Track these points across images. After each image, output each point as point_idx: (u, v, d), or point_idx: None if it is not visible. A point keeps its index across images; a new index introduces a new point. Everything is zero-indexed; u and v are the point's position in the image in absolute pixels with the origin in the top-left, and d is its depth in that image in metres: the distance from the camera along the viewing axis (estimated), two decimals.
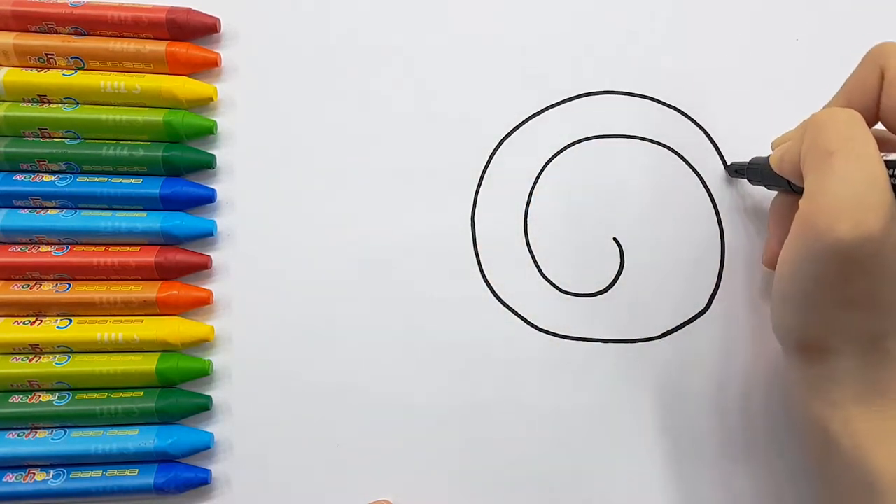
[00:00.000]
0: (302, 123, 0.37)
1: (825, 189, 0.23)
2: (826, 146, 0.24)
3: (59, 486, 0.33)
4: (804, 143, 0.26)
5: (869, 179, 0.23)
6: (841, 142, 0.24)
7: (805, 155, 0.25)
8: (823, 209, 0.23)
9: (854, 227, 0.23)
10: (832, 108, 0.25)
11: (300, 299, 0.36)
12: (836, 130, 0.24)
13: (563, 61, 0.38)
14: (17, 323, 0.34)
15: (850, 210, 0.23)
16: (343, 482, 0.35)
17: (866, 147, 0.23)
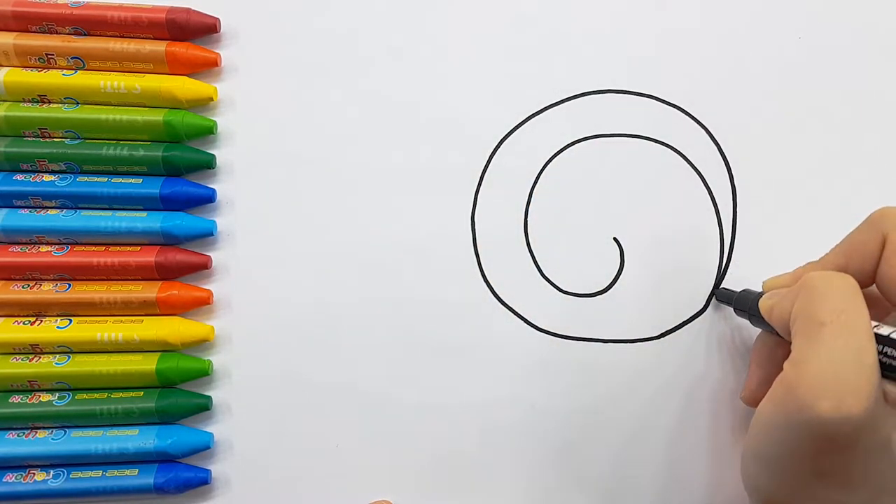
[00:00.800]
0: (302, 123, 0.37)
1: (811, 362, 0.23)
2: (818, 316, 0.24)
3: (59, 486, 0.33)
4: (796, 304, 0.25)
5: (857, 359, 0.23)
6: (833, 314, 0.23)
7: (796, 317, 0.25)
8: (807, 383, 0.23)
9: (836, 408, 0.22)
10: (828, 274, 0.25)
11: (300, 299, 0.36)
12: (831, 300, 0.24)
13: (563, 60, 0.38)
14: (17, 323, 0.34)
15: (834, 389, 0.22)
16: (343, 482, 0.35)
17: (858, 322, 0.23)
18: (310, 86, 0.37)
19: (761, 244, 0.36)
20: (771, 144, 0.37)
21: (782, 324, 0.27)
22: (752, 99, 0.37)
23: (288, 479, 0.35)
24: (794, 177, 0.37)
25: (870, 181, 0.37)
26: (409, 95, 0.37)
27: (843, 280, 0.25)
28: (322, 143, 0.37)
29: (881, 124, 0.37)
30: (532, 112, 0.37)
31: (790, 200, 0.37)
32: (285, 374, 0.35)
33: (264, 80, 0.37)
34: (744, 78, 0.38)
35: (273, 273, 0.36)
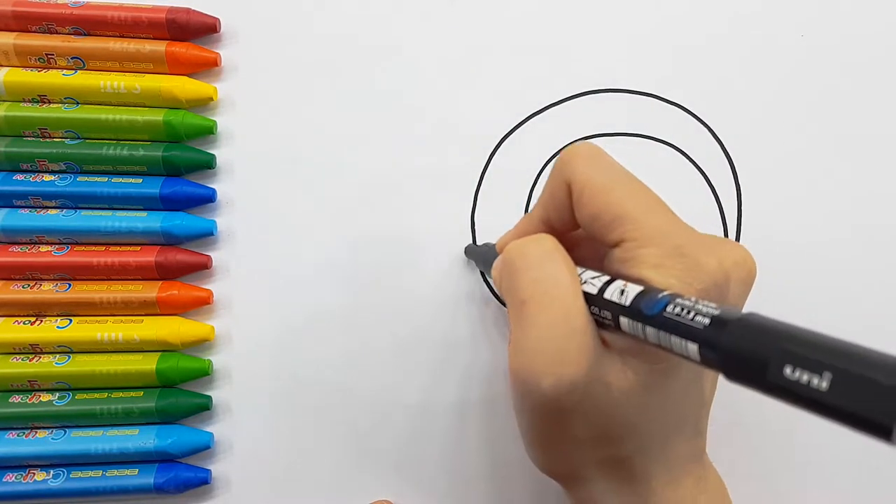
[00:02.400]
0: (302, 123, 0.37)
1: (522, 343, 0.23)
2: (518, 294, 0.23)
3: (59, 486, 0.33)
4: (503, 283, 0.25)
5: (564, 327, 0.22)
6: (532, 288, 0.23)
7: (505, 296, 0.24)
8: (524, 365, 0.23)
9: (557, 381, 0.22)
10: (521, 244, 0.24)
11: (300, 299, 0.36)
12: (527, 273, 0.23)
13: (563, 60, 0.37)
14: (17, 323, 0.34)
15: (549, 365, 0.22)
16: (343, 482, 0.35)
17: (557, 290, 0.22)
18: (310, 86, 0.37)
19: (766, 243, 0.36)
20: (775, 142, 0.37)
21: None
22: (755, 97, 0.37)
23: (288, 479, 0.35)
24: (799, 175, 0.37)
25: (874, 179, 0.37)
26: (409, 95, 0.37)
27: (536, 245, 0.24)
28: (322, 143, 0.37)
29: (885, 121, 0.37)
30: (532, 112, 0.37)
31: (795, 198, 0.37)
32: (285, 374, 0.35)
33: (264, 80, 0.37)
34: (747, 76, 0.37)
35: (273, 273, 0.36)
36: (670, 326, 0.19)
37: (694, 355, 0.18)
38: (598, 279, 0.23)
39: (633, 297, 0.21)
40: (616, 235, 0.23)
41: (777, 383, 0.15)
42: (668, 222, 0.23)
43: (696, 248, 0.23)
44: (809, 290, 0.36)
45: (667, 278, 0.22)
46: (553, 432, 0.24)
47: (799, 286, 0.36)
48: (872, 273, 0.36)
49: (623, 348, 0.23)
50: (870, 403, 0.14)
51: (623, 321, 0.21)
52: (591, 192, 0.24)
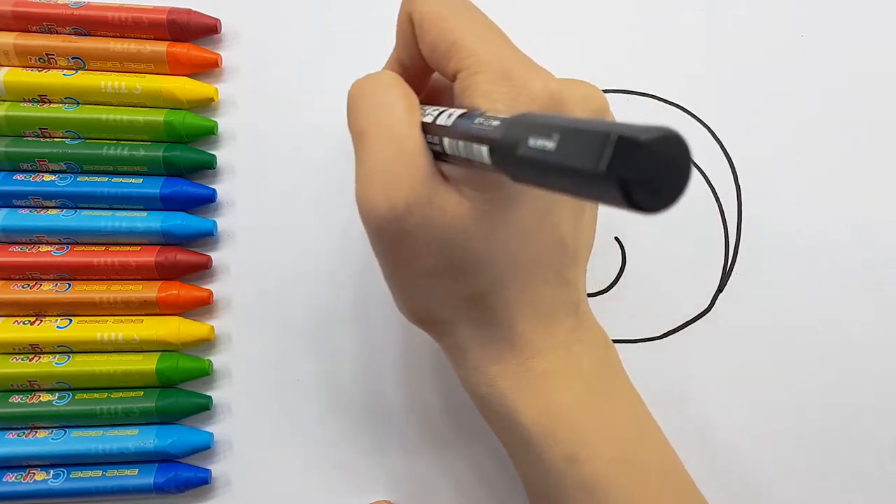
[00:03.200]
0: (302, 124, 0.37)
1: (360, 172, 0.23)
2: (356, 125, 0.24)
3: (59, 486, 0.33)
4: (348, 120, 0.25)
5: (396, 152, 0.23)
6: (367, 118, 0.24)
7: (349, 130, 0.25)
8: (362, 194, 0.23)
9: (392, 204, 0.23)
10: (361, 81, 0.25)
11: (300, 299, 0.36)
12: (365, 107, 0.24)
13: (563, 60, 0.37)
14: (17, 323, 0.34)
15: (384, 188, 0.23)
16: (343, 482, 0.35)
17: (391, 117, 0.23)
18: (310, 86, 0.37)
19: (767, 243, 0.36)
20: (775, 143, 0.37)
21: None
22: (755, 97, 0.37)
23: (288, 479, 0.35)
24: (799, 175, 0.37)
25: (875, 178, 0.37)
26: None
27: (374, 79, 0.25)
28: (322, 144, 0.37)
29: (885, 121, 0.37)
30: None
31: (795, 198, 0.37)
32: (285, 374, 0.35)
33: (265, 80, 0.37)
34: (746, 76, 0.37)
35: (273, 273, 0.36)
36: (473, 136, 0.20)
37: (486, 159, 0.19)
38: (436, 111, 0.23)
39: (455, 118, 0.21)
40: (452, 65, 0.24)
41: (524, 154, 0.16)
42: (499, 48, 0.24)
43: (524, 73, 0.23)
44: (810, 290, 0.36)
45: (494, 103, 0.22)
46: (401, 261, 0.25)
47: (799, 286, 0.36)
48: (873, 273, 0.36)
49: (459, 178, 0.23)
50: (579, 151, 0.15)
51: (446, 143, 0.22)
52: (430, 22, 0.25)
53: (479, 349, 0.26)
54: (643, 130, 0.14)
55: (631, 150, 0.14)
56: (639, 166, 0.14)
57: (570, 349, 0.26)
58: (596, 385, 0.27)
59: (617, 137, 0.14)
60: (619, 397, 0.28)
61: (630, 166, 0.14)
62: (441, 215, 0.23)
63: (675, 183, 0.14)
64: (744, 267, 0.36)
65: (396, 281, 0.26)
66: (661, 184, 0.14)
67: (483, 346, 0.26)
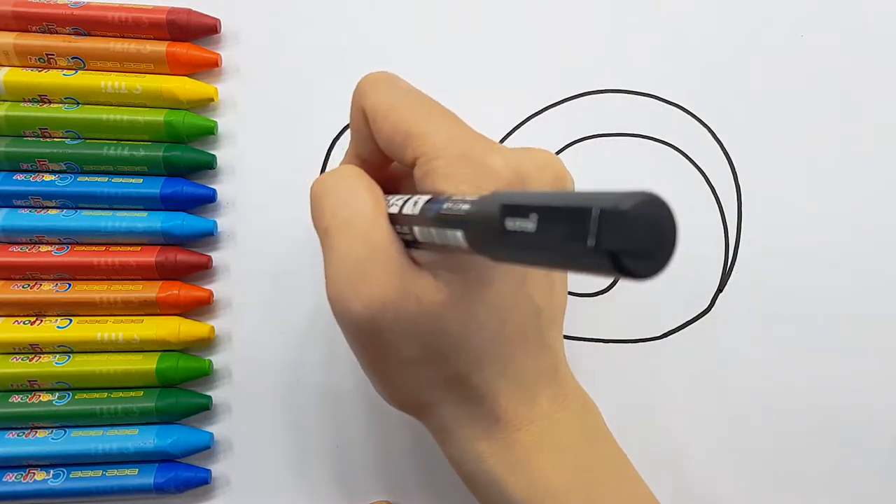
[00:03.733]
0: (302, 123, 0.37)
1: (329, 270, 0.23)
2: (322, 223, 0.24)
3: (59, 486, 0.33)
4: (312, 217, 0.25)
5: (365, 249, 0.22)
6: (332, 216, 0.23)
7: (314, 228, 0.25)
8: (334, 294, 0.23)
9: (367, 303, 0.22)
10: (322, 179, 0.25)
11: (300, 299, 0.36)
12: (329, 203, 0.24)
13: (563, 60, 0.38)
14: (17, 323, 0.34)
15: (356, 287, 0.22)
16: (343, 482, 0.35)
17: (355, 213, 0.23)
18: (310, 86, 0.37)
19: (767, 243, 0.36)
20: (775, 143, 0.37)
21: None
22: (755, 97, 0.37)
23: (288, 479, 0.35)
24: (799, 175, 0.37)
25: (875, 179, 0.37)
26: None
27: (334, 174, 0.24)
28: (322, 144, 0.37)
29: (885, 122, 0.37)
30: (532, 112, 0.37)
31: (795, 198, 0.37)
32: (285, 374, 0.35)
33: (265, 80, 0.37)
34: (746, 76, 0.37)
35: (273, 273, 0.36)
36: (445, 222, 0.19)
37: (462, 243, 0.18)
38: (400, 199, 0.23)
39: (421, 205, 0.21)
40: (409, 154, 0.23)
41: (505, 239, 0.16)
42: (453, 131, 0.24)
43: (483, 153, 0.23)
44: (809, 290, 0.36)
45: (457, 185, 0.22)
46: (380, 355, 0.24)
47: (799, 286, 0.36)
48: (873, 273, 0.36)
49: (431, 263, 0.23)
50: (563, 231, 0.14)
51: (416, 230, 0.21)
52: (382, 115, 0.24)
53: (464, 428, 0.26)
54: (623, 198, 0.14)
55: (615, 221, 0.13)
56: (625, 236, 0.13)
57: (553, 418, 0.26)
58: (582, 454, 0.26)
59: (599, 211, 0.13)
60: (606, 464, 0.27)
61: (617, 238, 0.13)
62: (417, 305, 0.22)
63: (664, 245, 0.14)
64: (744, 267, 0.36)
65: (374, 372, 0.26)
66: (649, 248, 0.14)
67: (468, 425, 0.25)
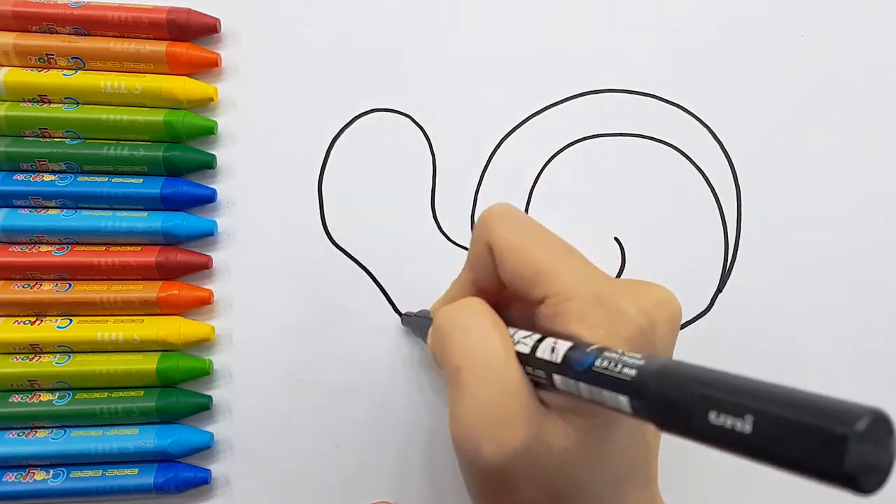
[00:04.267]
0: (302, 123, 0.37)
1: (460, 411, 0.23)
2: (452, 361, 0.23)
3: (59, 486, 0.33)
4: (437, 351, 0.25)
5: (500, 392, 0.22)
6: (464, 354, 0.23)
7: (440, 365, 0.24)
8: (464, 434, 0.22)
9: (498, 448, 0.22)
10: (450, 310, 0.24)
11: (300, 299, 0.36)
12: (458, 340, 0.23)
13: (564, 60, 0.38)
14: (18, 323, 0.34)
15: (489, 431, 0.22)
16: (343, 482, 0.35)
17: (489, 355, 0.22)
18: (310, 86, 0.37)
19: (766, 244, 0.36)
20: (775, 143, 0.37)
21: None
22: (755, 97, 0.37)
23: (288, 479, 0.35)
24: (799, 175, 0.37)
25: (875, 179, 0.37)
26: (409, 95, 0.37)
27: (468, 310, 0.24)
28: (322, 144, 0.37)
29: (885, 122, 0.37)
30: (532, 112, 0.37)
31: (795, 199, 0.37)
32: (285, 374, 0.35)
33: (265, 80, 0.37)
34: (747, 76, 0.37)
35: (273, 273, 0.36)
36: (600, 381, 0.19)
37: (625, 408, 0.18)
38: (529, 338, 0.23)
39: (563, 353, 0.21)
40: (538, 291, 0.23)
41: (704, 430, 0.15)
42: (585, 272, 0.24)
43: (616, 296, 0.23)
44: (809, 290, 0.36)
45: (593, 330, 0.22)
46: (500, 497, 0.24)
47: (798, 286, 0.36)
48: (872, 273, 0.36)
49: (562, 406, 0.23)
50: (791, 443, 0.14)
51: (557, 379, 0.21)
52: (511, 251, 0.24)
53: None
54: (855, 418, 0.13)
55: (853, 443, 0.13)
56: (861, 456, 0.13)
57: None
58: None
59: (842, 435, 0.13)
60: None
61: (853, 459, 0.13)
62: (547, 451, 0.22)
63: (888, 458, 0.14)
64: (743, 267, 0.36)
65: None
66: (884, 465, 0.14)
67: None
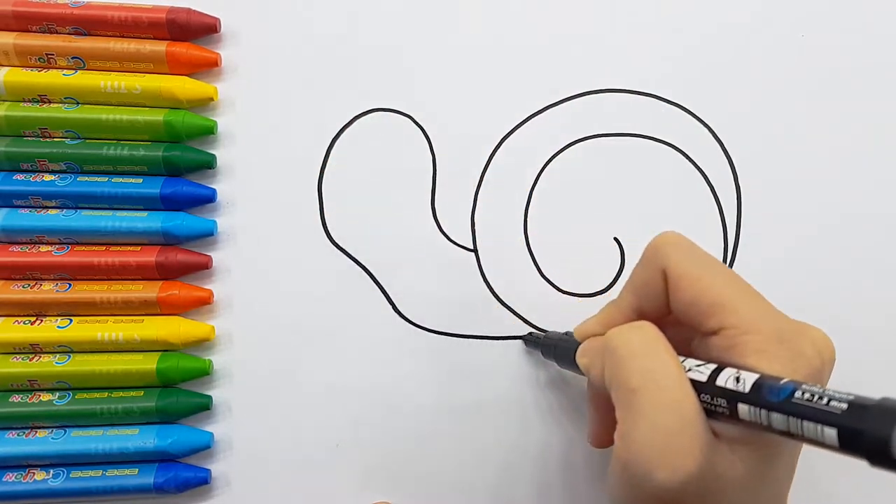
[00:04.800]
0: (302, 123, 0.37)
1: (635, 433, 0.23)
2: (628, 382, 0.23)
3: (59, 486, 0.33)
4: (606, 371, 0.25)
5: (677, 418, 0.22)
6: (642, 377, 0.23)
7: (609, 384, 0.25)
8: (637, 456, 0.22)
9: (672, 474, 0.22)
10: (626, 331, 0.25)
11: (300, 299, 0.36)
12: (635, 362, 0.23)
13: (563, 60, 0.38)
14: (18, 323, 0.34)
15: (665, 456, 0.22)
16: (343, 482, 0.35)
17: (668, 379, 0.23)
18: (310, 86, 0.37)
19: (766, 244, 0.36)
20: (775, 143, 0.37)
21: (602, 387, 0.26)
22: (755, 97, 0.37)
23: (288, 479, 0.35)
24: (799, 175, 0.37)
25: (874, 179, 0.37)
26: (409, 95, 0.37)
27: (643, 333, 0.24)
28: (322, 143, 0.37)
29: (885, 122, 0.37)
30: (532, 112, 0.37)
31: (795, 199, 0.37)
32: (285, 374, 0.35)
33: (265, 80, 0.37)
34: (747, 76, 0.37)
35: (273, 273, 0.36)
36: (801, 412, 0.19)
37: (831, 440, 0.18)
38: (703, 367, 0.23)
39: (751, 384, 0.21)
40: (714, 322, 0.24)
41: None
42: (765, 309, 0.24)
43: (794, 335, 0.23)
44: (808, 290, 0.36)
45: (772, 365, 0.22)
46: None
47: (797, 285, 0.36)
48: (872, 273, 0.36)
49: (731, 436, 0.23)
50: None
51: (742, 408, 0.21)
52: (688, 280, 0.25)
53: None
54: None
55: None
56: None
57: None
58: None
59: None
60: None
61: None
62: (716, 481, 0.22)
63: None
64: (742, 267, 0.36)
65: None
66: None
67: None
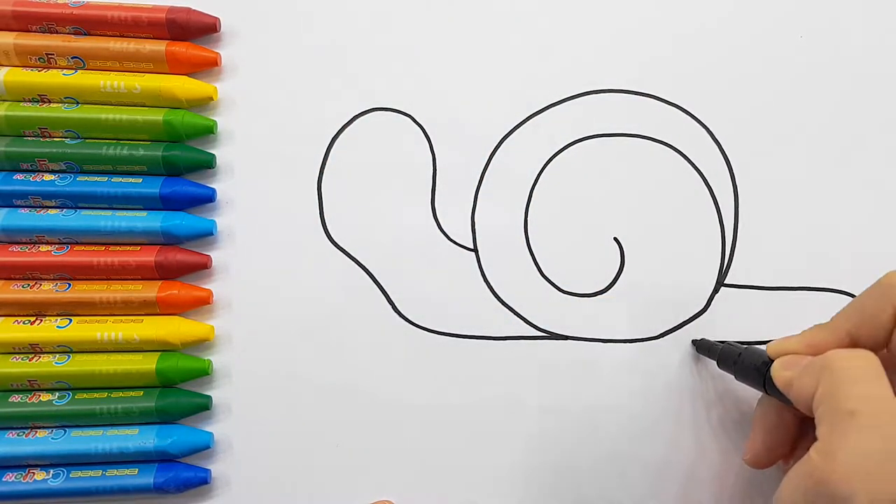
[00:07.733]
0: (302, 123, 0.37)
1: (844, 453, 0.23)
2: (846, 404, 0.24)
3: (59, 486, 0.33)
4: (820, 388, 0.25)
5: (890, 449, 0.23)
6: (862, 401, 0.24)
7: (821, 402, 0.25)
8: (841, 476, 0.23)
9: (874, 497, 0.22)
10: (851, 355, 0.25)
11: (300, 299, 0.36)
12: (858, 386, 0.24)
13: (563, 60, 0.38)
14: (17, 322, 0.34)
15: (870, 480, 0.22)
16: (343, 482, 0.35)
17: (888, 408, 0.23)
18: (309, 85, 0.37)
19: (763, 244, 0.36)
20: (773, 144, 0.37)
21: (804, 402, 0.26)
22: (753, 98, 0.37)
23: (288, 479, 0.35)
24: (796, 176, 0.37)
25: (872, 181, 0.37)
26: (409, 95, 0.37)
27: (867, 361, 0.25)
28: (321, 143, 0.37)
29: (883, 123, 0.37)
30: (532, 112, 0.37)
31: (792, 200, 0.37)
32: (285, 374, 0.35)
33: (264, 79, 0.37)
34: (745, 77, 0.38)
35: (273, 273, 0.36)
36: None
37: None
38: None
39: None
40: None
41: None
42: None
43: None
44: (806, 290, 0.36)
45: None
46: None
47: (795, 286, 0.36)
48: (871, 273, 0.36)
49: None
50: None
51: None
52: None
53: None
54: None
55: None
56: None
57: None
58: None
59: None
60: None
61: None
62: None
63: None
64: (740, 267, 0.36)
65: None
66: None
67: None
